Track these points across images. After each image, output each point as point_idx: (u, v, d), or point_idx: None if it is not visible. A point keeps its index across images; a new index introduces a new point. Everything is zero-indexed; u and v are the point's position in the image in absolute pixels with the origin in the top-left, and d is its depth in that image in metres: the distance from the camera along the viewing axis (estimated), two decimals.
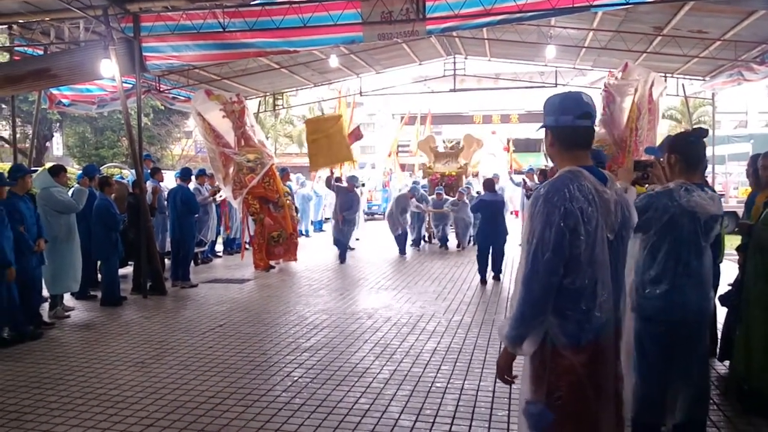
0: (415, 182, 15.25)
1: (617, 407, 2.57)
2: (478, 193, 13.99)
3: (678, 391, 3.37)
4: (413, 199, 13.92)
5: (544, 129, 2.66)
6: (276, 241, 11.30)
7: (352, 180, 13.20)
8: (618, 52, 13.65)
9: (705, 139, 3.51)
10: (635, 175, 3.78)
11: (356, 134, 14.31)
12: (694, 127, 3.83)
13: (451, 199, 14.51)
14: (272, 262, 11.56)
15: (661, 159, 3.61)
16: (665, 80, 15.31)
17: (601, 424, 2.48)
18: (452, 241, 14.98)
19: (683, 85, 16.11)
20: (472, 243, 14.06)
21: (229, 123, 11.00)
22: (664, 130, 31.10)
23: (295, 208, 12.80)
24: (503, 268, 10.55)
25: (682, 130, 25.49)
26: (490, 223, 10.23)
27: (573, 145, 2.57)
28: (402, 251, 13.74)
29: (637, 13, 10.90)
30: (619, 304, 2.55)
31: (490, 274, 10.25)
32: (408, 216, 13.95)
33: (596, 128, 10.29)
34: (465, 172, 16.74)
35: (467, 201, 13.75)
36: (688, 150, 3.43)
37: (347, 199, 12.80)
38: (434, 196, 14.86)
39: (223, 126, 10.99)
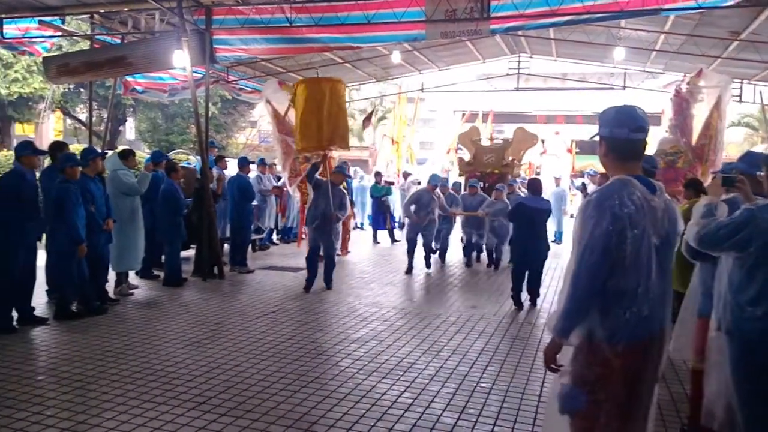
0: (433, 176, 11.55)
1: (647, 404, 2.70)
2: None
3: None
4: (435, 194, 10.79)
5: (598, 137, 2.78)
6: None
7: (341, 169, 10.15)
8: (691, 56, 13.25)
9: None
10: (722, 191, 3.64)
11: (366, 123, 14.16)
12: None
13: (489, 199, 11.34)
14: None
15: (759, 174, 3.45)
16: (741, 87, 14.88)
17: (628, 418, 2.62)
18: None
19: (761, 92, 15.52)
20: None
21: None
22: (739, 137, 30.10)
23: (351, 201, 12.95)
24: (541, 290, 8.64)
25: (758, 138, 24.44)
26: (528, 235, 8.29)
27: (626, 157, 2.70)
28: (409, 268, 10.63)
29: (713, 16, 10.53)
30: (665, 308, 2.68)
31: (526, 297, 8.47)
32: (435, 216, 10.74)
33: (665, 133, 10.08)
34: (511, 171, 14.03)
35: (508, 201, 10.60)
36: None
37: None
38: (465, 192, 12.04)
39: (291, 115, 11.27)
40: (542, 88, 23.31)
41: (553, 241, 15.46)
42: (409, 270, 10.57)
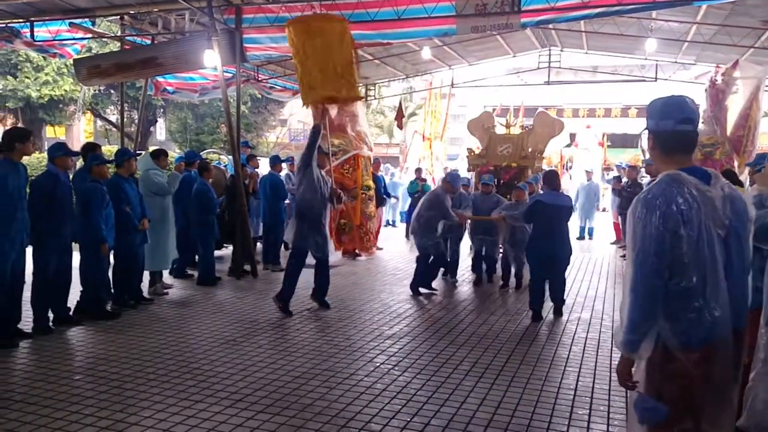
0: (453, 172, 10.20)
1: (730, 409, 2.58)
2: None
3: None
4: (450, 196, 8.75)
5: (646, 131, 2.69)
6: (343, 230, 11.54)
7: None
8: (724, 46, 12.99)
9: None
10: None
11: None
12: None
13: (506, 201, 9.13)
14: (357, 251, 11.79)
15: None
16: None
17: (711, 424, 2.50)
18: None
19: None
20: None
21: (335, 107, 11.27)
22: None
23: (382, 199, 12.94)
24: (566, 296, 7.80)
25: None
26: (548, 237, 7.19)
27: (673, 150, 2.58)
28: (423, 284, 8.69)
29: (746, 6, 10.32)
30: (741, 301, 2.55)
31: (549, 307, 7.51)
32: (440, 227, 8.56)
33: (701, 125, 9.91)
34: (531, 164, 11.51)
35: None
36: None
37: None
38: (477, 191, 9.78)
39: (329, 108, 11.26)
40: (573, 82, 23.05)
41: (579, 238, 15.21)
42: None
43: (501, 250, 9.36)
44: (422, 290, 8.60)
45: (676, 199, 2.40)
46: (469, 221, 9.15)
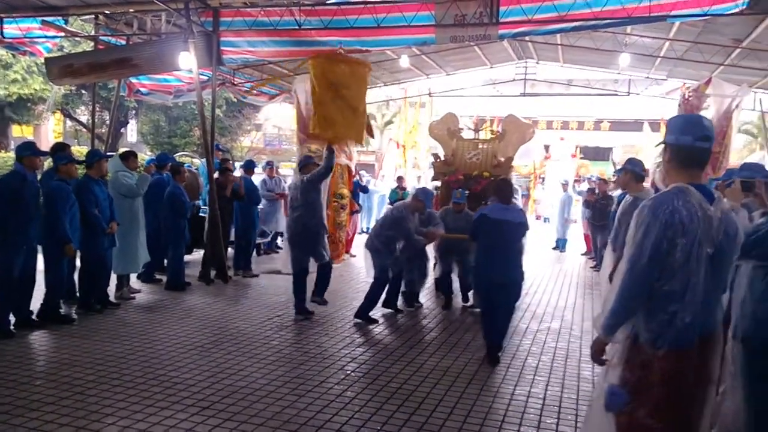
0: (425, 188, 8.28)
1: (698, 409, 2.71)
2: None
3: None
4: (417, 214, 7.67)
5: (663, 145, 2.86)
6: None
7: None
8: (695, 63, 13.28)
9: None
10: (742, 196, 3.73)
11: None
12: None
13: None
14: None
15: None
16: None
17: (671, 421, 2.66)
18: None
19: (761, 99, 15.53)
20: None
21: None
22: (739, 145, 30.07)
23: (359, 206, 12.92)
24: (523, 336, 6.89)
25: (757, 146, 24.45)
26: (494, 258, 6.00)
27: (689, 164, 2.76)
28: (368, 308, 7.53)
29: (717, 24, 10.55)
30: (714, 315, 2.73)
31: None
32: (398, 245, 7.57)
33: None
34: (506, 174, 9.64)
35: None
36: None
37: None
38: (450, 207, 8.47)
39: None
40: (548, 94, 23.28)
41: (555, 248, 15.35)
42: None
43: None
44: (375, 314, 7.53)
45: (680, 210, 2.59)
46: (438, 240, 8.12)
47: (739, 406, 3.30)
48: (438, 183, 10.19)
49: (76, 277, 7.32)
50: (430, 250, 8.37)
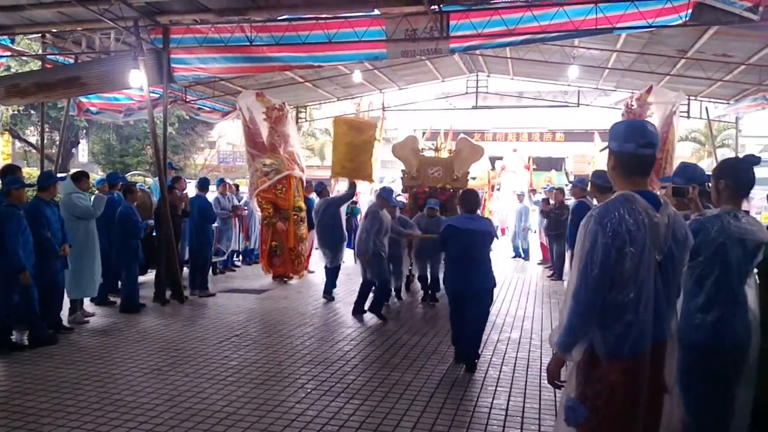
0: (386, 187, 9.34)
1: (652, 418, 2.68)
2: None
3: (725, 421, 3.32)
4: (387, 212, 8.70)
5: (607, 151, 2.82)
6: (274, 252, 11.42)
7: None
8: (641, 73, 13.66)
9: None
10: (674, 201, 3.76)
11: None
12: (747, 153, 3.78)
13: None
14: (290, 274, 11.66)
15: (708, 184, 3.61)
16: (689, 103, 15.37)
17: (630, 429, 2.62)
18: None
19: (707, 108, 16.05)
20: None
21: (267, 127, 11.33)
22: (687, 152, 30.97)
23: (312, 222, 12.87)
24: (483, 347, 6.76)
25: (705, 153, 25.19)
26: (465, 268, 6.13)
27: (633, 172, 2.74)
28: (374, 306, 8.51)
29: (661, 35, 10.91)
30: (668, 322, 2.70)
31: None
32: (386, 242, 8.56)
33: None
34: (463, 186, 10.91)
35: None
36: (738, 176, 3.39)
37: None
38: (423, 213, 9.86)
39: (261, 128, 11.44)
40: (499, 106, 23.61)
41: (515, 257, 15.64)
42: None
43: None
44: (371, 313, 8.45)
45: (626, 218, 2.55)
46: (413, 244, 9.41)
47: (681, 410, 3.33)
48: (406, 195, 11.94)
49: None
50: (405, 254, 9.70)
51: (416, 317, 8.66)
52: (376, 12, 9.17)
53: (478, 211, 6.51)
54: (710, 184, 3.54)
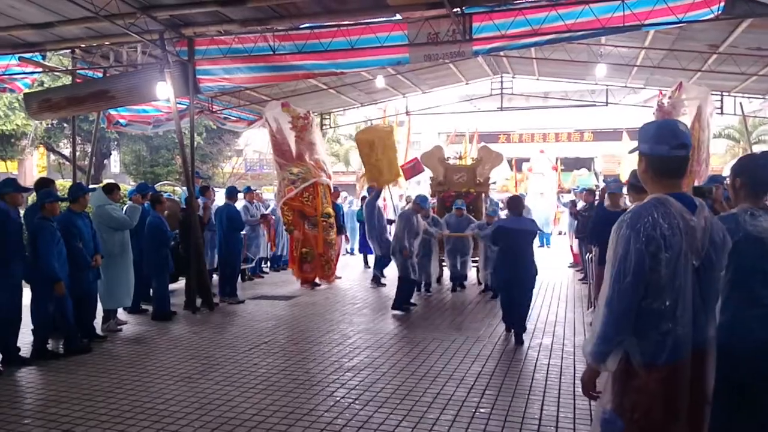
0: (421, 195, 10.56)
1: (696, 427, 2.57)
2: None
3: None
4: (420, 216, 9.79)
5: (637, 153, 2.71)
6: (305, 259, 11.54)
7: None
8: (671, 70, 13.38)
9: None
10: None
11: (417, 168, 14.24)
12: (762, 150, 3.62)
13: (477, 221, 10.97)
14: (317, 280, 11.73)
15: (725, 183, 3.49)
16: (722, 99, 15.05)
17: None
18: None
19: (741, 103, 15.67)
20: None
21: (293, 136, 11.45)
22: (721, 149, 30.41)
23: (341, 227, 12.94)
24: (528, 323, 7.90)
25: (741, 149, 24.67)
26: (513, 260, 7.49)
27: (666, 174, 2.62)
28: (404, 300, 9.38)
29: (692, 30, 10.64)
30: (706, 329, 2.58)
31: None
32: (416, 244, 9.51)
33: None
34: (486, 190, 13.09)
35: None
36: (756, 173, 3.21)
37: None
38: (453, 213, 11.32)
39: (287, 138, 11.61)
40: (525, 107, 23.42)
41: (539, 246, 15.63)
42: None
43: (473, 264, 11.44)
44: (404, 306, 9.31)
45: (660, 222, 2.45)
46: (446, 243, 11.12)
47: None
48: (435, 198, 13.01)
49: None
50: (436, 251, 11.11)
51: (445, 323, 8.60)
52: (398, 17, 9.17)
53: (503, 215, 8.14)
54: (727, 182, 3.41)
